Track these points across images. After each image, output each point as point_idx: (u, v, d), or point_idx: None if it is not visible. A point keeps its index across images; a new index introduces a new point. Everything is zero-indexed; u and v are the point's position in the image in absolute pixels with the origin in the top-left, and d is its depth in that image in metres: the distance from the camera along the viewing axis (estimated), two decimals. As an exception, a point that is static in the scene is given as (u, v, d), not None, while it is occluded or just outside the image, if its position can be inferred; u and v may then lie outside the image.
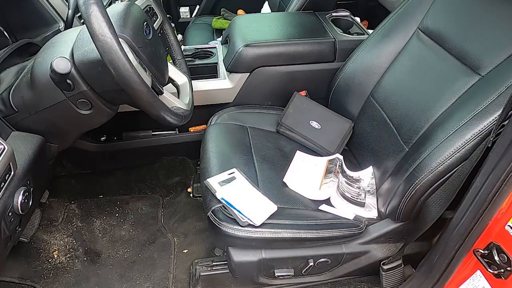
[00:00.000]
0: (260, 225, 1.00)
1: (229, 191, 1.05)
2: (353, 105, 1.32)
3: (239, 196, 1.04)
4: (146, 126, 1.58)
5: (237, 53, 1.43)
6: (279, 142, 1.33)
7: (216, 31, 2.35)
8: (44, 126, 1.02)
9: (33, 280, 1.33)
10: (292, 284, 1.22)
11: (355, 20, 1.69)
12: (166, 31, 1.32)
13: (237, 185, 1.07)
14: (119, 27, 0.94)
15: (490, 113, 0.85)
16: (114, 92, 0.98)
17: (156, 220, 1.55)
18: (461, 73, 1.01)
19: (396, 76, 1.21)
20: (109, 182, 1.66)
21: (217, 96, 1.51)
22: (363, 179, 1.11)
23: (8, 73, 1.07)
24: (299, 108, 1.35)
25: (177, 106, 1.10)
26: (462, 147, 0.87)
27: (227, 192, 1.04)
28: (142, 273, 1.36)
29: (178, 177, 1.69)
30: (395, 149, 1.10)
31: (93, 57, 0.91)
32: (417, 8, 1.21)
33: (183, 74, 1.25)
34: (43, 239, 1.44)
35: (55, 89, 0.94)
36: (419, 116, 1.06)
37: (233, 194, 1.04)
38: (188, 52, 1.62)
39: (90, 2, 0.79)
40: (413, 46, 1.19)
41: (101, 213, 1.56)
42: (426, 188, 0.93)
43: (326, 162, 1.23)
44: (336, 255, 1.11)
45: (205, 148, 1.25)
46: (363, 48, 1.32)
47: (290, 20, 1.66)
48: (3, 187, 0.81)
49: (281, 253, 1.08)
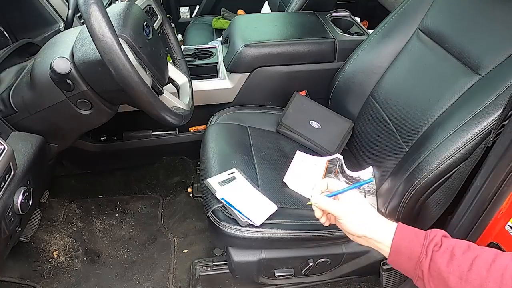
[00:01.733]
0: (260, 225, 1.00)
1: (229, 191, 1.05)
2: (353, 105, 1.32)
3: (239, 196, 1.04)
4: (146, 126, 1.58)
5: (237, 53, 1.43)
6: (279, 142, 1.33)
7: (216, 31, 2.35)
8: (44, 126, 1.02)
9: (33, 280, 1.33)
10: (292, 284, 1.22)
11: (355, 20, 1.69)
12: (166, 31, 1.32)
13: (237, 185, 1.08)
14: (119, 27, 0.94)
15: (490, 113, 0.85)
16: (114, 92, 0.98)
17: (156, 220, 1.55)
18: (461, 73, 1.01)
19: (396, 76, 1.21)
20: (109, 182, 1.66)
21: (217, 96, 1.51)
22: (363, 179, 1.11)
23: (8, 73, 1.07)
24: (299, 108, 1.35)
25: (177, 106, 1.10)
26: (462, 147, 0.87)
27: (227, 192, 1.04)
28: (142, 273, 1.36)
29: (178, 177, 1.69)
30: (395, 149, 1.10)
31: (93, 57, 0.91)
32: (417, 8, 1.21)
33: (183, 74, 1.25)
34: (43, 239, 1.44)
35: (55, 89, 0.94)
36: (419, 116, 1.06)
37: (233, 194, 1.04)
38: (188, 52, 1.62)
39: (90, 2, 0.79)
40: (413, 46, 1.19)
41: (101, 213, 1.56)
42: (426, 188, 0.93)
43: (326, 162, 1.23)
44: (336, 255, 1.11)
45: (205, 148, 1.25)
46: (363, 48, 1.32)
47: (290, 20, 1.66)
48: (3, 187, 0.81)
49: (281, 253, 1.08)
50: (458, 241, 0.68)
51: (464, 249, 0.65)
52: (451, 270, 0.63)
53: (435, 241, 0.67)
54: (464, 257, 0.64)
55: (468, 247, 0.66)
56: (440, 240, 0.67)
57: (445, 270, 0.64)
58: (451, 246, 0.66)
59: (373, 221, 0.74)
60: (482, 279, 0.61)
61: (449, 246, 0.66)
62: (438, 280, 0.65)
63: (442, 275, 0.64)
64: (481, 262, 0.62)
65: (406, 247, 0.69)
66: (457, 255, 0.64)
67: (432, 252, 0.66)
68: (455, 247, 0.66)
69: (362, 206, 0.76)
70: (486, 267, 0.62)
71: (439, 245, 0.66)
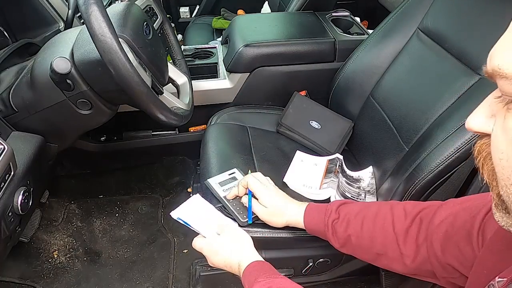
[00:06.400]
0: (260, 225, 1.00)
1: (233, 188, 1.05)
2: (353, 105, 1.32)
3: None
4: (146, 126, 1.58)
5: (237, 53, 1.43)
6: (279, 142, 1.32)
7: (216, 31, 2.35)
8: (44, 126, 1.02)
9: (33, 280, 1.33)
10: (292, 284, 1.22)
11: (355, 20, 1.69)
12: (166, 31, 1.32)
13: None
14: (119, 27, 0.94)
15: (490, 113, 0.85)
16: (114, 92, 0.98)
17: (156, 220, 1.55)
18: (461, 73, 1.01)
19: (396, 76, 1.21)
20: (109, 182, 1.66)
21: (217, 96, 1.51)
22: (363, 179, 1.11)
23: (8, 73, 1.07)
24: (299, 108, 1.35)
25: (177, 106, 1.09)
26: (462, 147, 0.87)
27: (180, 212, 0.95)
28: (142, 273, 1.36)
29: (178, 177, 1.69)
30: (395, 149, 1.10)
31: (93, 57, 0.91)
32: (417, 8, 1.21)
33: (183, 74, 1.25)
34: (43, 239, 1.44)
35: (55, 89, 0.94)
36: (419, 116, 1.06)
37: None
38: (188, 52, 1.62)
39: (90, 2, 0.79)
40: (413, 46, 1.19)
41: (101, 213, 1.56)
42: (426, 188, 0.93)
43: (326, 162, 1.22)
44: (336, 255, 1.10)
45: (205, 148, 1.25)
46: (363, 48, 1.32)
47: (290, 20, 1.66)
48: (3, 187, 0.81)
49: (281, 253, 1.08)
50: (350, 205, 0.83)
51: (356, 212, 0.81)
52: (350, 232, 0.80)
53: (333, 215, 0.82)
54: (356, 219, 0.80)
55: (360, 209, 0.81)
56: (337, 212, 0.82)
57: (344, 234, 0.81)
58: (347, 213, 0.81)
59: (288, 209, 0.89)
60: (371, 232, 0.78)
61: (345, 214, 0.81)
62: (347, 246, 0.82)
63: (345, 238, 0.81)
64: (368, 219, 0.79)
65: (315, 225, 0.85)
66: (351, 220, 0.80)
67: (332, 225, 0.82)
68: (349, 213, 0.81)
69: (276, 198, 0.91)
70: (372, 222, 0.78)
71: (337, 218, 0.82)
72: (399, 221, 0.75)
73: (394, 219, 0.76)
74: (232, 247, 0.80)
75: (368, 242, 0.78)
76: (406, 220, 0.75)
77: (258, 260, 0.77)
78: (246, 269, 0.75)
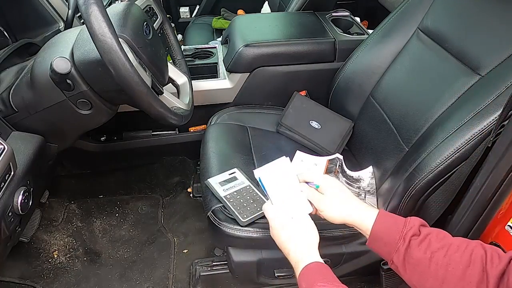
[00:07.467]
0: (260, 225, 1.00)
1: (233, 188, 1.05)
2: (353, 105, 1.32)
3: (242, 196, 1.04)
4: (146, 126, 1.58)
5: (237, 53, 1.43)
6: (279, 142, 1.32)
7: (216, 31, 2.35)
8: (44, 126, 1.02)
9: (33, 280, 1.33)
10: (292, 284, 1.22)
11: (355, 20, 1.69)
12: (166, 31, 1.32)
13: (238, 185, 1.07)
14: (119, 27, 0.94)
15: (490, 113, 0.85)
16: (114, 92, 0.98)
17: (156, 220, 1.55)
18: (461, 73, 1.01)
19: (396, 76, 1.21)
20: (109, 182, 1.66)
21: (217, 96, 1.51)
22: (363, 179, 1.11)
23: (8, 73, 1.07)
24: (299, 108, 1.35)
25: (177, 106, 1.10)
26: (462, 147, 0.87)
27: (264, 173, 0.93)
28: (142, 273, 1.36)
29: (178, 177, 1.69)
30: (395, 149, 1.10)
31: (93, 57, 0.91)
32: (417, 8, 1.21)
33: (183, 74, 1.25)
34: (43, 239, 1.44)
35: (55, 89, 0.94)
36: (419, 116, 1.06)
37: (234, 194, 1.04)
38: (188, 52, 1.62)
39: (90, 2, 0.79)
40: (413, 46, 1.19)
41: (101, 213, 1.56)
42: (426, 188, 0.93)
43: (326, 162, 1.22)
44: (336, 255, 1.10)
45: (205, 148, 1.25)
46: (363, 48, 1.32)
47: (290, 20, 1.66)
48: (3, 187, 0.81)
49: (281, 253, 1.08)
50: (434, 230, 0.73)
51: (440, 238, 0.71)
52: (428, 256, 0.68)
53: (413, 230, 0.72)
54: (439, 244, 0.69)
55: (444, 236, 0.72)
56: (418, 230, 0.73)
57: (422, 256, 0.69)
58: (428, 234, 0.72)
59: (354, 208, 0.80)
60: (456, 263, 0.66)
61: (426, 235, 0.72)
62: (413, 265, 0.70)
63: (419, 261, 0.69)
64: (454, 248, 0.68)
65: (385, 233, 0.75)
66: (433, 243, 0.70)
67: (410, 240, 0.72)
68: (431, 235, 0.72)
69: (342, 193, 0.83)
70: (460, 254, 0.67)
71: (418, 234, 0.72)
72: (492, 262, 0.65)
73: (487, 257, 0.65)
74: (299, 240, 0.79)
75: (444, 271, 0.67)
76: (501, 262, 0.64)
77: (319, 262, 0.76)
78: (306, 268, 0.75)
